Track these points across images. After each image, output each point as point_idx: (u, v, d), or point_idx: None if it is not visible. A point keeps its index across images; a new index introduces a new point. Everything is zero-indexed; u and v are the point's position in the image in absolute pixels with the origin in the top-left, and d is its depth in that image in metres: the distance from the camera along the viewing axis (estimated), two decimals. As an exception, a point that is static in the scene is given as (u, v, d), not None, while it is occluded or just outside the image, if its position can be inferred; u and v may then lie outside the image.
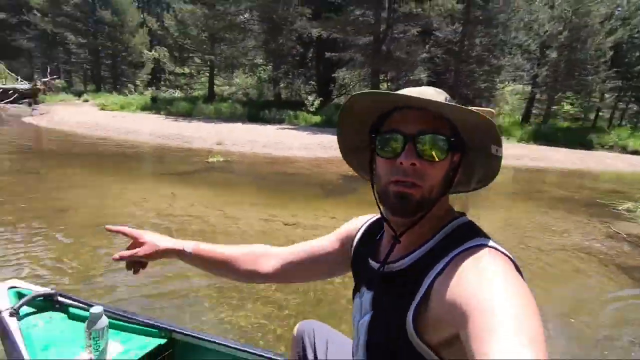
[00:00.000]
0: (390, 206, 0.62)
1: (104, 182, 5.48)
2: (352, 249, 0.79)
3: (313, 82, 19.81)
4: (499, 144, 0.60)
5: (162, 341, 1.28)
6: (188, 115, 17.68)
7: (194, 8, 17.92)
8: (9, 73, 25.42)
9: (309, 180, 6.26)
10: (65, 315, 1.35)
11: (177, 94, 23.79)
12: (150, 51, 25.57)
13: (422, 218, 0.61)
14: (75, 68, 33.26)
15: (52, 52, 33.07)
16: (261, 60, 20.55)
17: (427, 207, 0.60)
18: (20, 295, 1.33)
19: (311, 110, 16.52)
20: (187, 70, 23.19)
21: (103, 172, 6.31)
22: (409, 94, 0.60)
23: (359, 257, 0.75)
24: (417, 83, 14.12)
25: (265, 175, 6.64)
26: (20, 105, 20.52)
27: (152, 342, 1.27)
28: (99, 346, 1.13)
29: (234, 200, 4.74)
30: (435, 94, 0.62)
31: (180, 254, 0.88)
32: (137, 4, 33.01)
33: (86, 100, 21.92)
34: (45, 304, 1.35)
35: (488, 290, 0.48)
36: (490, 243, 0.57)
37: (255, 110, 16.94)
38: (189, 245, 0.88)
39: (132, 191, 5.01)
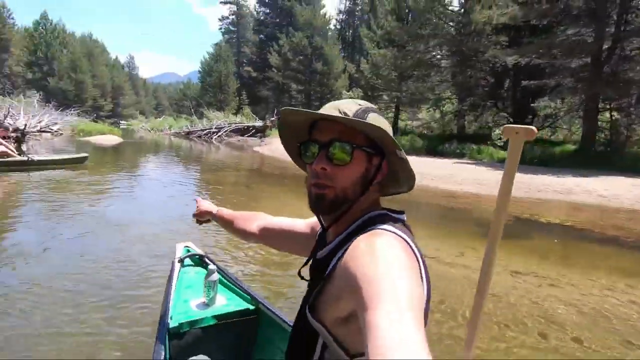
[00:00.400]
0: (310, 205, 0.69)
1: (289, 199, 6.75)
2: (316, 238, 0.84)
3: (505, 114, 17.87)
4: (399, 148, 0.65)
5: (251, 307, 1.61)
6: (370, 147, 19.14)
7: (386, 51, 19.62)
8: (252, 115, 34.41)
9: (469, 217, 5.74)
10: (205, 270, 1.79)
11: (365, 128, 26.15)
12: (348, 92, 29.38)
13: (344, 214, 0.67)
14: (293, 109, 41.59)
15: (280, 97, 42.84)
16: (449, 94, 20.28)
17: (342, 205, 0.66)
18: (188, 251, 2.05)
19: (498, 144, 14.92)
20: (375, 107, 25.29)
21: (290, 190, 7.76)
22: (328, 106, 0.69)
23: (316, 247, 0.80)
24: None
25: (420, 206, 6.52)
26: (255, 138, 27.54)
27: (244, 305, 1.63)
28: (210, 294, 1.60)
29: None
30: (348, 106, 0.68)
31: (210, 214, 1.18)
32: (342, 53, 38.87)
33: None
34: (198, 260, 2.00)
35: (374, 263, 0.52)
36: (388, 227, 0.61)
37: (435, 144, 16.70)
38: (216, 209, 1.17)
39: (304, 209, 5.97)
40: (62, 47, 50.20)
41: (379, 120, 0.67)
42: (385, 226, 0.62)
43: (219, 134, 28.34)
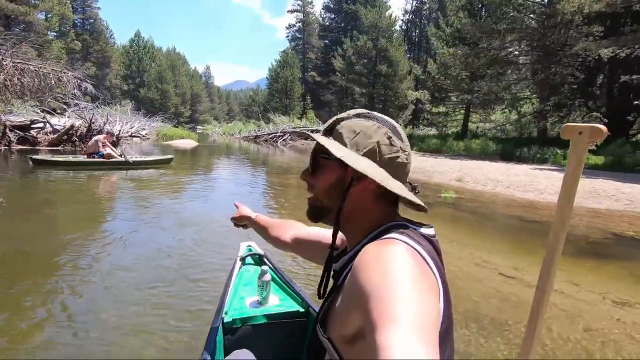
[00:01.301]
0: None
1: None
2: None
3: (598, 114, 15.72)
4: (338, 156, 0.62)
5: (301, 309, 1.62)
6: (437, 151, 18.28)
7: (456, 50, 18.56)
8: (316, 119, 35.04)
9: (545, 231, 5.07)
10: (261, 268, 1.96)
11: (432, 131, 25.10)
12: (414, 93, 28.41)
13: (337, 223, 0.68)
14: (355, 112, 41.57)
15: (343, 101, 43.07)
16: (527, 93, 18.46)
17: (324, 213, 0.70)
18: (250, 250, 2.16)
19: (591, 147, 13.12)
20: (443, 109, 24.11)
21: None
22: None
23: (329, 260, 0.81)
24: None
25: (496, 218, 5.94)
26: (318, 142, 27.95)
27: (295, 307, 1.63)
28: (263, 294, 1.63)
29: (451, 237, 4.57)
30: (339, 115, 0.71)
31: (249, 219, 1.19)
32: (408, 54, 37.78)
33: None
34: (259, 259, 2.09)
35: (382, 277, 0.49)
36: (399, 236, 0.57)
37: (511, 148, 15.31)
38: (254, 215, 1.18)
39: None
40: (151, 61, 56.37)
41: (352, 126, 0.66)
42: (396, 235, 0.58)
43: (284, 137, 29.37)
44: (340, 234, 0.86)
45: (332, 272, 0.73)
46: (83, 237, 3.91)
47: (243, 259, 2.04)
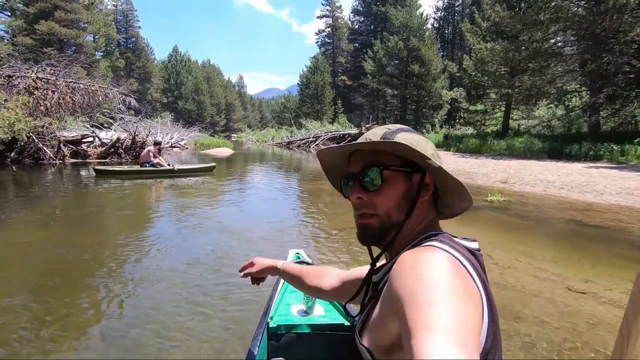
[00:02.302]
0: (358, 238, 0.69)
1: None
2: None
3: (659, 105, 14.32)
4: (429, 157, 0.62)
5: (346, 323, 1.58)
6: (477, 151, 17.48)
7: (494, 44, 17.72)
8: (347, 123, 34.86)
9: (622, 237, 4.55)
10: None
11: (470, 130, 24.09)
12: (449, 92, 27.47)
13: (393, 240, 0.66)
14: (388, 114, 41.05)
15: (375, 103, 42.62)
16: (575, 86, 17.19)
17: (391, 230, 0.65)
18: (298, 258, 2.14)
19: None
20: (481, 107, 23.09)
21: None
22: (360, 138, 0.69)
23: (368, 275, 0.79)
24: None
25: (554, 223, 5.45)
26: (350, 145, 27.78)
27: (339, 319, 1.61)
28: (309, 303, 1.63)
29: (503, 245, 4.23)
30: (376, 132, 0.69)
31: (274, 270, 1.10)
32: (441, 52, 36.70)
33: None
34: None
35: (419, 283, 0.47)
36: (436, 243, 0.57)
37: (559, 145, 14.29)
38: (280, 264, 1.10)
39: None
40: (188, 74, 58.97)
41: (408, 138, 0.66)
42: (436, 243, 0.57)
43: (317, 142, 29.44)
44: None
45: (371, 284, 0.74)
46: (137, 243, 4.11)
47: None
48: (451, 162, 13.08)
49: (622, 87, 14.26)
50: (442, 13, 43.71)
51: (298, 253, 2.20)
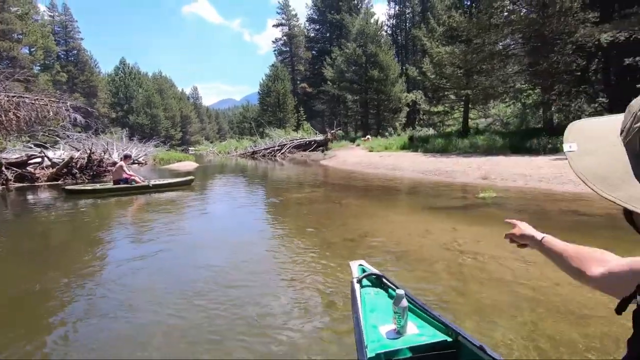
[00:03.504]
0: None
1: (388, 213, 6.26)
2: None
3: (602, 100, 15.67)
4: None
5: (449, 339, 1.44)
6: (444, 151, 18.03)
7: (453, 48, 18.50)
8: (312, 130, 34.82)
9: (616, 224, 4.72)
10: (384, 292, 1.87)
11: (431, 131, 24.93)
12: (408, 94, 28.35)
13: None
14: (349, 120, 41.60)
15: (336, 109, 42.98)
16: (524, 85, 18.41)
17: None
18: (363, 270, 2.00)
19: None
20: (440, 108, 24.00)
21: (384, 204, 7.27)
22: None
23: None
24: None
25: (550, 215, 5.58)
26: (318, 152, 27.65)
27: (440, 336, 1.46)
28: (401, 321, 1.49)
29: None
30: None
31: (533, 240, 1.01)
32: (396, 57, 37.93)
33: (358, 145, 26.77)
34: (375, 280, 1.95)
35: None
36: None
37: (518, 141, 15.11)
38: (541, 236, 0.99)
39: (414, 222, 5.44)
40: (138, 87, 55.99)
41: None
42: None
43: (282, 151, 28.99)
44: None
45: None
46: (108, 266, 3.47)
47: (360, 281, 1.89)
48: (427, 163, 13.33)
49: (570, 84, 15.44)
50: (394, 20, 45.39)
51: (361, 265, 2.08)
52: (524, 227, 1.08)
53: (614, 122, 0.52)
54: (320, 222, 5.69)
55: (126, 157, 10.17)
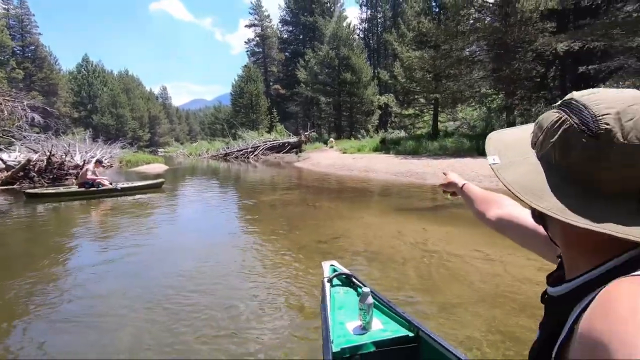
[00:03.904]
0: None
1: (361, 215, 6.36)
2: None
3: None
4: None
5: (410, 334, 1.51)
6: (415, 153, 18.50)
7: (422, 53, 19.05)
8: (286, 132, 34.69)
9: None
10: (354, 291, 1.93)
11: (402, 134, 25.52)
12: (380, 97, 28.89)
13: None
14: (323, 122, 41.78)
15: (309, 111, 43.07)
16: (490, 90, 19.29)
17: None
18: (334, 270, 2.08)
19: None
20: (411, 111, 24.63)
21: (357, 206, 7.37)
22: None
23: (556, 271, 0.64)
24: None
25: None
26: (291, 154, 27.58)
27: (402, 331, 1.53)
28: (366, 318, 1.56)
29: (490, 242, 4.38)
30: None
31: (455, 186, 1.11)
32: (368, 61, 38.55)
33: (331, 147, 26.96)
34: (345, 280, 2.02)
35: (630, 333, 0.35)
36: None
37: (484, 143, 15.81)
38: (461, 183, 1.09)
39: (386, 224, 5.55)
40: (103, 85, 53.56)
41: None
42: None
43: (256, 152, 28.68)
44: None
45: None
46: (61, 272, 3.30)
47: (330, 280, 1.96)
48: (398, 165, 13.62)
49: (530, 90, 16.33)
50: (366, 24, 46.13)
51: (333, 265, 2.15)
52: (452, 176, 1.16)
53: (525, 133, 0.55)
54: (293, 225, 5.68)
55: (97, 162, 10.00)
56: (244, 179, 14.80)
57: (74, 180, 12.30)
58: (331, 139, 29.17)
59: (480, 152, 15.23)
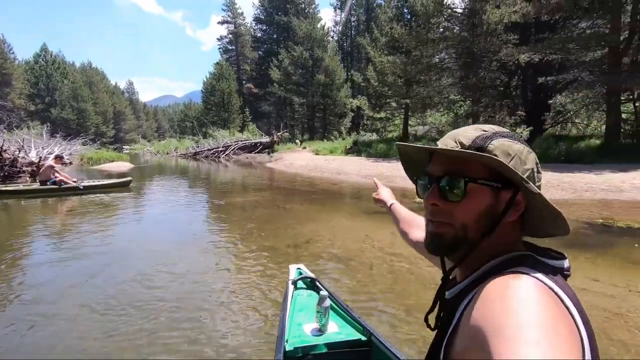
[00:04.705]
0: (426, 244, 0.62)
1: (331, 218, 6.38)
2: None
3: (520, 113, 17.58)
4: (527, 180, 0.53)
5: (363, 338, 1.57)
6: (385, 156, 18.86)
7: (394, 58, 19.47)
8: (258, 131, 34.28)
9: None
10: (316, 294, 1.92)
11: (374, 136, 25.95)
12: (353, 100, 29.24)
13: (465, 256, 0.58)
14: (296, 122, 41.74)
15: (282, 112, 42.87)
16: (457, 97, 20.06)
17: (464, 246, 0.57)
18: (300, 273, 2.11)
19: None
20: (383, 114, 25.11)
21: (327, 208, 7.39)
22: (447, 136, 0.61)
23: (442, 285, 0.73)
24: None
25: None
26: (264, 154, 27.29)
27: (355, 335, 1.59)
28: (322, 320, 1.59)
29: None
30: (466, 134, 0.59)
31: (385, 205, 1.15)
32: (341, 63, 38.91)
33: (304, 148, 26.94)
34: (310, 283, 2.05)
35: (508, 317, 0.42)
36: (526, 269, 0.50)
37: (452, 147, 16.38)
38: (390, 202, 1.13)
39: (355, 227, 5.61)
40: (63, 78, 50.59)
41: (506, 148, 0.56)
42: (526, 269, 0.50)
43: (227, 152, 28.12)
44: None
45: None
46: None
47: (295, 283, 2.00)
48: (370, 167, 13.83)
49: (495, 98, 17.11)
50: (341, 27, 46.52)
51: (299, 268, 2.18)
52: (382, 193, 1.20)
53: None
54: (263, 228, 5.61)
55: (57, 157, 9.63)
56: (214, 179, 14.47)
57: (28, 179, 11.53)
58: (297, 141, 29.45)
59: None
